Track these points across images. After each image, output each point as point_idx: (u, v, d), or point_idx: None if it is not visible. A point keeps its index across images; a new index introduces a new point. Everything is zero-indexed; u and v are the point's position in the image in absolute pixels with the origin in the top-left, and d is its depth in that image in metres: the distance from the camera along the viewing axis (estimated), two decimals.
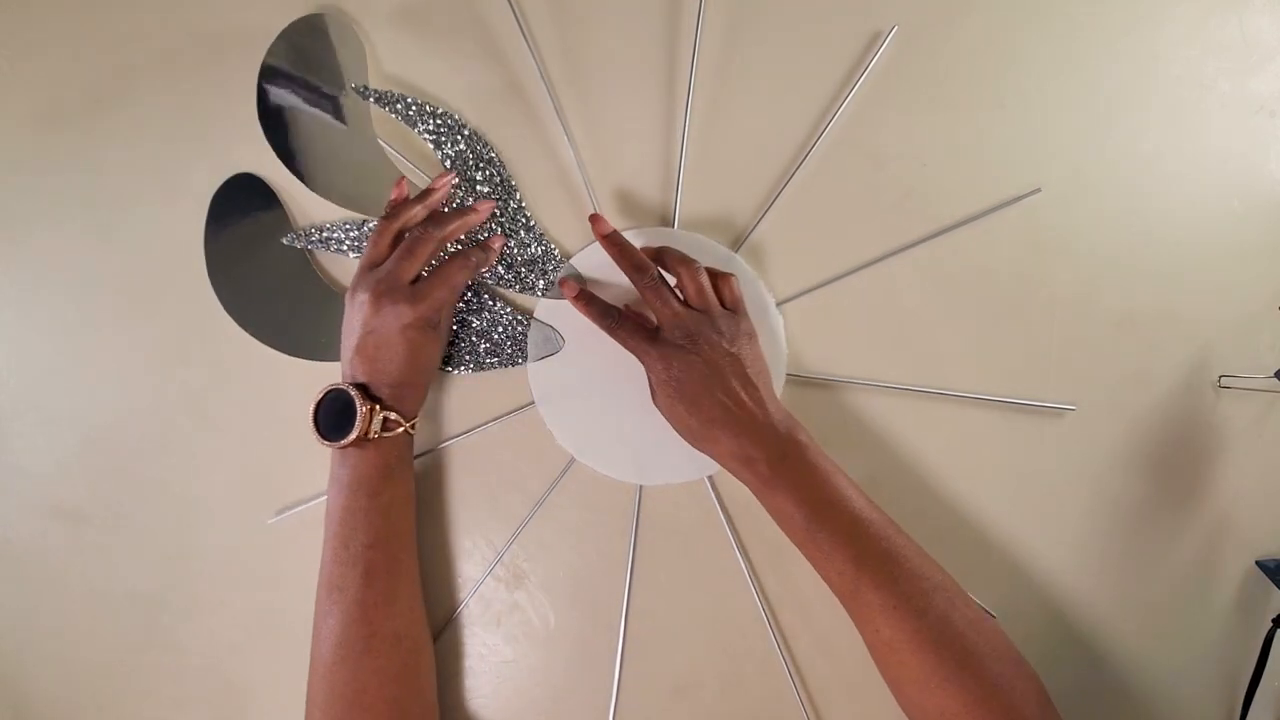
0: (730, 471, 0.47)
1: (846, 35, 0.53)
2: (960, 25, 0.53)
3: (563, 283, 0.51)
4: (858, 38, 0.53)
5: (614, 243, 0.49)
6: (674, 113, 0.53)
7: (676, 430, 0.48)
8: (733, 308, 0.49)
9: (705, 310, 0.48)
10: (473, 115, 0.54)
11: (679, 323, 0.47)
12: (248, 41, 0.54)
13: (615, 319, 0.49)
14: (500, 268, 0.53)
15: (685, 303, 0.48)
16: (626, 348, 0.49)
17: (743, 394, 0.46)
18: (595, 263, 0.53)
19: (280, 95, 0.53)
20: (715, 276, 0.50)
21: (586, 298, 0.50)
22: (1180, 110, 0.54)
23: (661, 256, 0.50)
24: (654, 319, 0.48)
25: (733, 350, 0.46)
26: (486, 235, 0.53)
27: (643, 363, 0.48)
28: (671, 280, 0.49)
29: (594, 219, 0.50)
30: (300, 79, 0.53)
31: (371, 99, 0.53)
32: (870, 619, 0.43)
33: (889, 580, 0.42)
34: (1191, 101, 0.54)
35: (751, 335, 0.49)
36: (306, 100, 0.53)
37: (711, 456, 0.47)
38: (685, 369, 0.46)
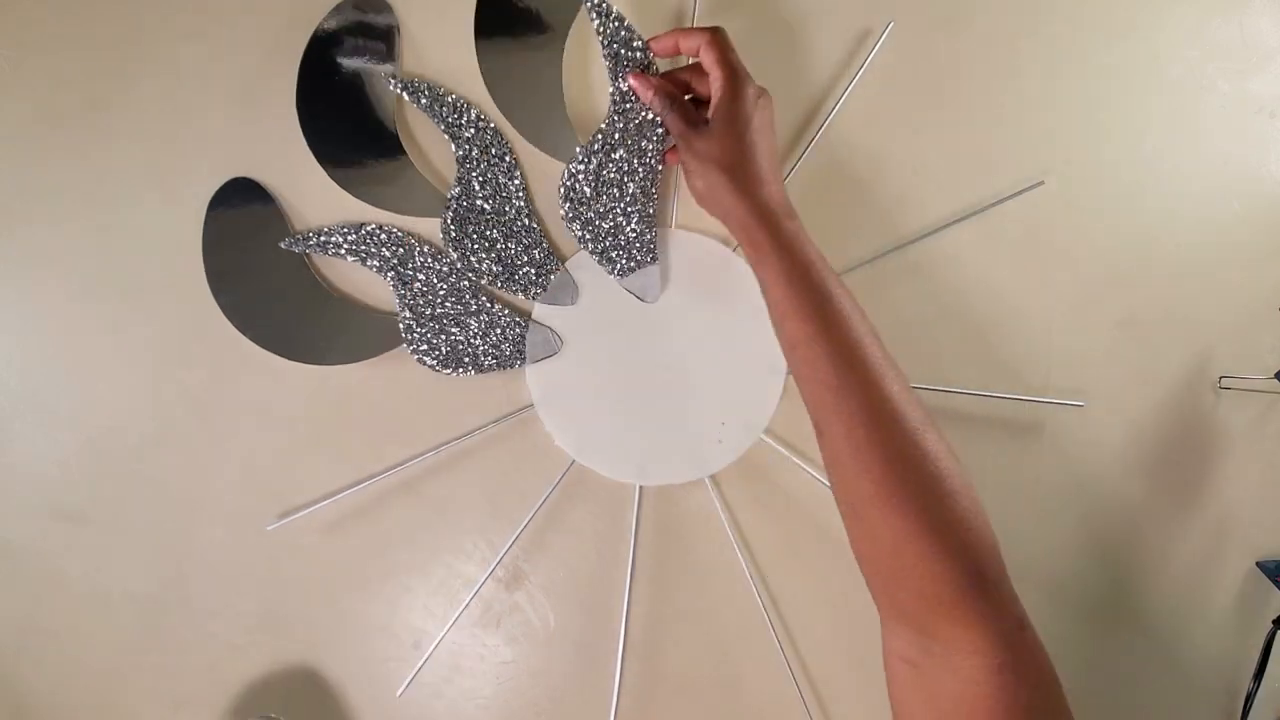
0: (735, 236, 0.45)
1: (846, 35, 0.53)
2: (959, 25, 0.53)
3: (633, 75, 0.50)
4: (857, 37, 0.53)
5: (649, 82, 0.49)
6: None
7: (706, 184, 0.46)
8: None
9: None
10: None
11: (750, 81, 0.46)
12: (247, 41, 0.54)
13: (668, 104, 0.48)
14: (499, 269, 0.53)
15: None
16: (673, 131, 0.48)
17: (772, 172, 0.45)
18: (591, 265, 0.53)
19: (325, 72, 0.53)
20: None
21: (646, 80, 0.49)
22: (1180, 111, 0.54)
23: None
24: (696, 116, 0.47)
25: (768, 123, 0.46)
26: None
27: (685, 144, 0.47)
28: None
29: (629, 75, 0.50)
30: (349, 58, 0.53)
31: (400, 88, 0.52)
32: (842, 421, 0.40)
33: (872, 403, 0.40)
34: (1191, 102, 0.54)
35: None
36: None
37: (720, 218, 0.46)
38: (762, 115, 0.45)
